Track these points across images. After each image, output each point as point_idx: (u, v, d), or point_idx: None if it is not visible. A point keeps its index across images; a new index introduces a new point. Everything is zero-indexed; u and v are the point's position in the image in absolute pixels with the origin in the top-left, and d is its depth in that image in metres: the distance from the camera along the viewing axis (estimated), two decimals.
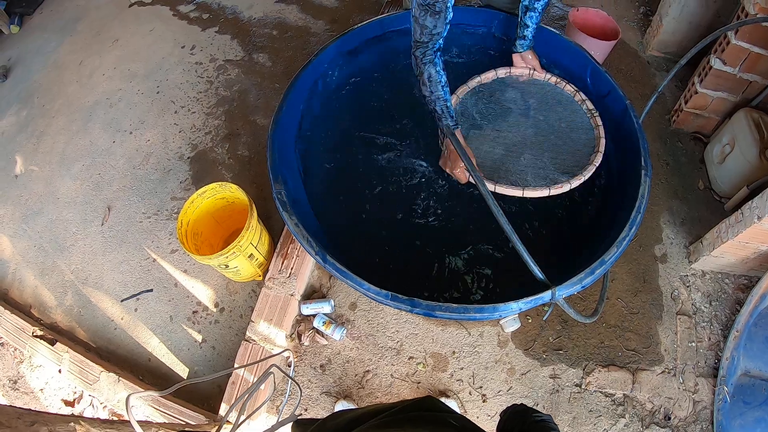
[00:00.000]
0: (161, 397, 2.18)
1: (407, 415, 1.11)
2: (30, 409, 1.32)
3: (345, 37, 2.28)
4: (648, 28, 3.02)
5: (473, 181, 1.72)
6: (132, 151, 2.99)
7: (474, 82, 2.05)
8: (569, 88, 2.02)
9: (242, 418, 0.96)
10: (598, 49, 2.61)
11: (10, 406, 1.27)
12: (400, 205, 2.15)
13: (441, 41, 1.68)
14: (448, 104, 1.75)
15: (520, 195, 1.76)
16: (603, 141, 1.93)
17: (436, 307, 1.58)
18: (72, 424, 1.38)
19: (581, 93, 2.00)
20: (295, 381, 1.14)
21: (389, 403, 1.29)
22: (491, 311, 1.59)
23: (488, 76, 2.06)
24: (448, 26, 1.65)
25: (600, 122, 1.96)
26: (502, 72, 2.06)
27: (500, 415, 1.46)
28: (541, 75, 2.04)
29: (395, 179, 2.19)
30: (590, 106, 1.99)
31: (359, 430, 1.04)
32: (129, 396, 0.85)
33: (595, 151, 1.90)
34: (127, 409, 0.80)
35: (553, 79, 2.02)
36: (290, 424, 1.03)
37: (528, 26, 1.90)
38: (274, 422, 1.39)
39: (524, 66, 2.03)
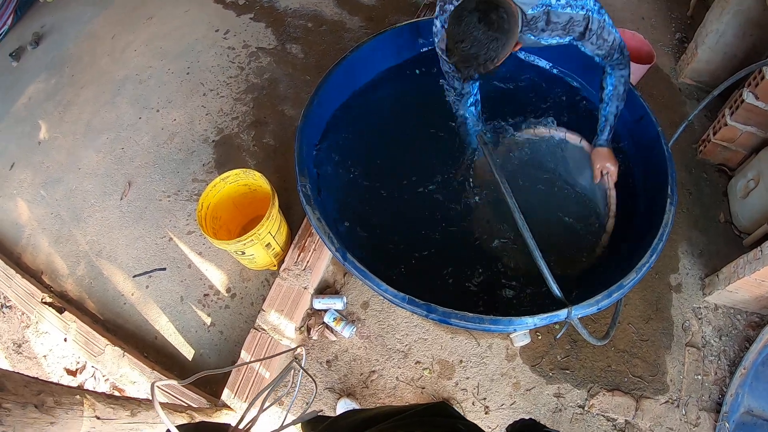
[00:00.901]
0: (164, 377, 2.20)
1: (419, 419, 1.11)
2: (37, 378, 1.32)
3: (380, 36, 2.28)
4: (682, 55, 3.00)
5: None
6: (157, 129, 3.00)
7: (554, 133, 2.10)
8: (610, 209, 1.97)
9: (256, 410, 0.96)
10: (632, 72, 2.58)
11: (18, 373, 1.27)
12: (421, 210, 2.15)
13: (472, 98, 1.92)
14: (470, 132, 2.03)
15: None
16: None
17: (451, 315, 1.59)
18: (78, 396, 1.38)
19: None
20: (312, 377, 1.14)
21: (402, 406, 1.29)
22: (506, 324, 1.59)
23: (574, 138, 2.07)
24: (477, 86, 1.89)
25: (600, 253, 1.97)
26: (579, 142, 2.06)
27: (506, 429, 1.45)
28: (605, 183, 1.97)
29: (419, 184, 2.19)
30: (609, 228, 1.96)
31: (372, 430, 1.04)
32: (153, 384, 0.85)
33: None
34: (152, 396, 0.80)
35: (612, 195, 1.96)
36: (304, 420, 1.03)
37: (598, 118, 1.89)
38: (281, 414, 1.39)
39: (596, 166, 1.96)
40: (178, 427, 0.76)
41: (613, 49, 1.74)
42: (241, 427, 0.92)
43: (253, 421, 0.93)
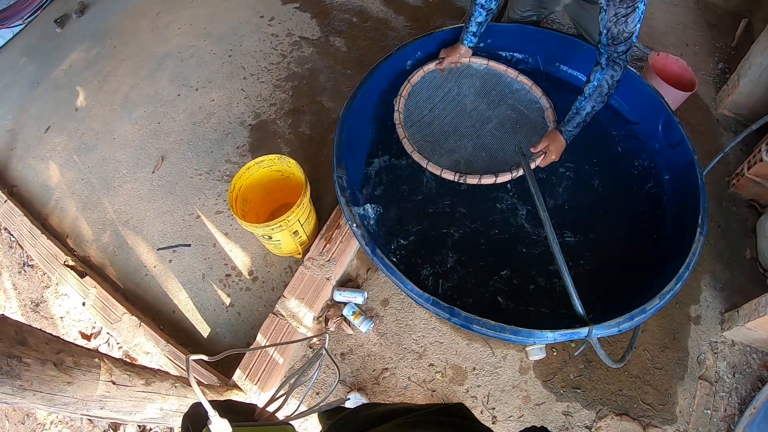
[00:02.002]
0: (178, 351, 2.23)
1: (437, 418, 1.11)
2: (58, 337, 1.34)
3: (426, 38, 2.29)
4: (723, 86, 2.97)
5: None
6: (195, 107, 3.03)
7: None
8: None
9: (287, 392, 0.97)
10: (673, 98, 2.58)
11: (41, 330, 1.29)
12: (452, 211, 2.16)
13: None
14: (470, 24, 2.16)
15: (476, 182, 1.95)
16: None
17: (473, 320, 1.60)
18: (97, 360, 1.40)
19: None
20: (336, 364, 1.15)
21: (420, 404, 1.30)
22: (526, 335, 1.59)
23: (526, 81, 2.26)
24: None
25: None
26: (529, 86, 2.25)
27: None
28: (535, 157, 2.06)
29: (453, 186, 2.19)
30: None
31: (388, 425, 1.05)
32: (188, 357, 0.86)
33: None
34: (187, 370, 0.81)
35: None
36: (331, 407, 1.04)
37: (572, 107, 1.97)
38: (299, 402, 1.40)
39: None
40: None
41: (624, 39, 1.72)
42: (269, 409, 0.93)
43: (281, 405, 0.94)
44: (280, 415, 0.95)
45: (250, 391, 2.02)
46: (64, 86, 3.35)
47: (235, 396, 2.02)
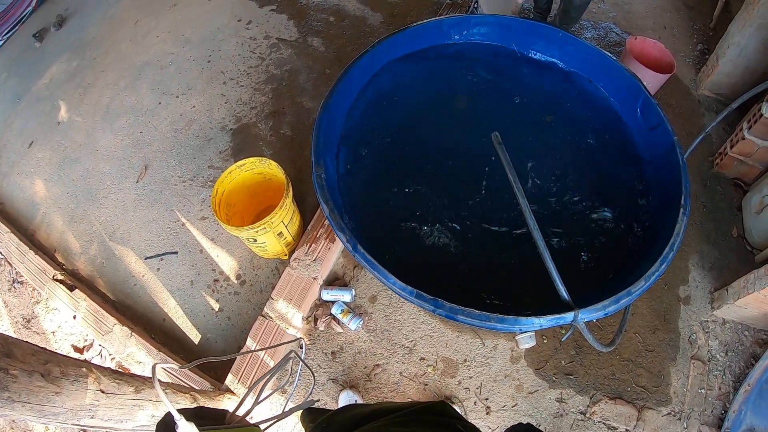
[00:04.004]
0: (170, 359, 2.22)
1: (419, 418, 1.11)
2: (45, 348, 1.34)
3: (401, 34, 2.29)
4: (703, 67, 2.98)
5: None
6: (176, 115, 3.03)
7: None
8: None
9: (257, 396, 0.98)
10: (652, 81, 2.59)
11: (27, 342, 1.29)
12: (433, 205, 2.15)
13: None
14: None
15: None
16: None
17: (458, 311, 1.59)
18: (84, 369, 1.40)
19: None
20: (310, 369, 1.15)
21: (402, 403, 1.30)
22: (512, 323, 1.59)
23: None
24: None
25: None
26: None
27: None
28: None
29: (433, 180, 2.19)
30: None
31: (372, 426, 1.05)
32: (155, 365, 0.86)
33: None
34: (153, 377, 0.81)
35: None
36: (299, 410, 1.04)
37: None
38: (282, 404, 1.40)
39: None
40: (177, 410, 0.77)
41: None
42: (239, 413, 0.93)
43: (251, 408, 0.94)
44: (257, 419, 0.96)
45: (243, 395, 2.01)
46: (46, 100, 3.34)
47: (227, 399, 2.02)
